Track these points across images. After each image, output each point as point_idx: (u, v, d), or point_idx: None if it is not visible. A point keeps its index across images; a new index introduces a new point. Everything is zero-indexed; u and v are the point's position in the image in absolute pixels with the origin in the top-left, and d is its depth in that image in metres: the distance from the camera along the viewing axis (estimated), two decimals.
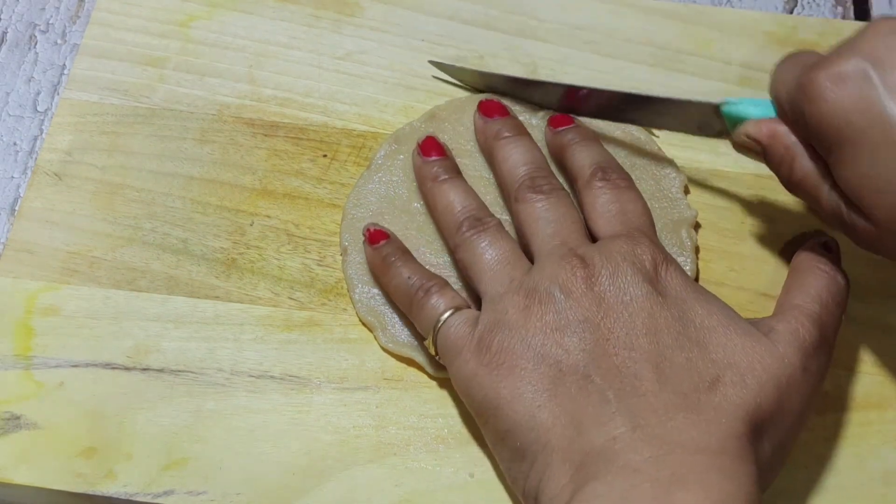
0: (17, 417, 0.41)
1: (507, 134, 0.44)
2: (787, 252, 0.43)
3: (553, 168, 0.44)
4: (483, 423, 0.37)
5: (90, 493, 0.39)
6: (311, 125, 0.48)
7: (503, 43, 0.50)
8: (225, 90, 0.49)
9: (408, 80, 0.49)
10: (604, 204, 0.41)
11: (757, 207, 0.46)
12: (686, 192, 0.46)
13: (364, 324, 0.43)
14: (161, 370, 0.42)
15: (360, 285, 0.44)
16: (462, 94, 0.49)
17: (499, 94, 0.47)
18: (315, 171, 0.47)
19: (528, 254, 0.40)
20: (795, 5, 0.55)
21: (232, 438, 0.40)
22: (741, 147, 0.41)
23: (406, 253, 0.42)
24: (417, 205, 0.45)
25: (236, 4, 0.51)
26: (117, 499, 0.39)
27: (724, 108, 0.42)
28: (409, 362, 0.42)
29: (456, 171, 0.44)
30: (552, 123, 0.45)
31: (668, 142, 0.47)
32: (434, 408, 0.41)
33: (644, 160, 0.46)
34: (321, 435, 0.41)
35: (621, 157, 0.46)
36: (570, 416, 0.34)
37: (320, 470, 0.40)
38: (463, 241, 0.41)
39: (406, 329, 0.42)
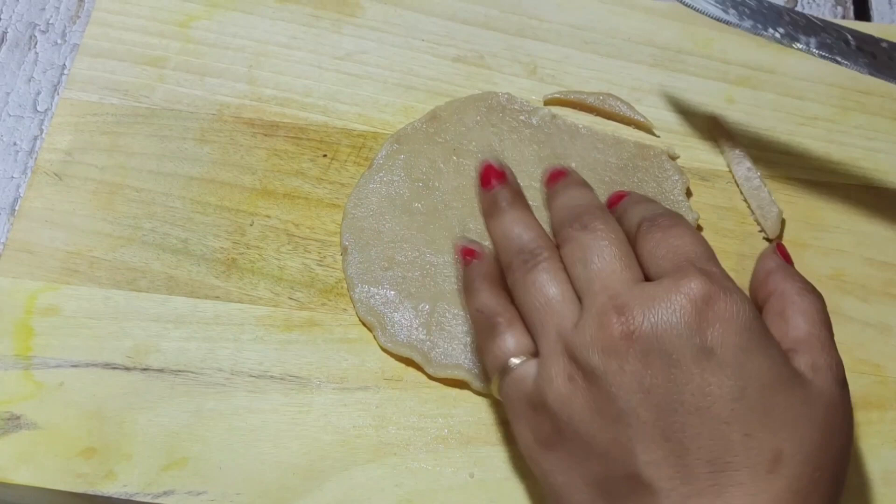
0: (17, 417, 0.41)
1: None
2: None
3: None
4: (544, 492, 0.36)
5: (90, 493, 0.39)
6: (311, 125, 0.48)
7: (503, 42, 0.50)
8: (225, 90, 0.49)
9: (408, 80, 0.49)
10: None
11: None
12: (688, 194, 0.46)
13: (364, 324, 0.43)
14: (161, 370, 0.42)
15: (360, 285, 0.44)
16: (462, 93, 0.49)
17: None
18: (315, 171, 0.47)
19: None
20: (795, 5, 0.55)
21: (232, 438, 0.40)
22: None
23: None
24: (418, 205, 0.45)
25: (236, 4, 0.51)
26: (117, 499, 0.39)
27: None
28: (409, 362, 0.42)
29: (511, 199, 0.39)
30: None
31: (669, 142, 0.47)
32: (434, 408, 0.41)
33: (646, 162, 0.46)
34: (321, 435, 0.41)
35: (624, 159, 0.46)
36: None
37: (320, 470, 0.40)
38: (514, 281, 0.37)
39: (405, 329, 0.42)
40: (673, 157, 0.47)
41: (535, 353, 0.36)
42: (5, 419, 0.41)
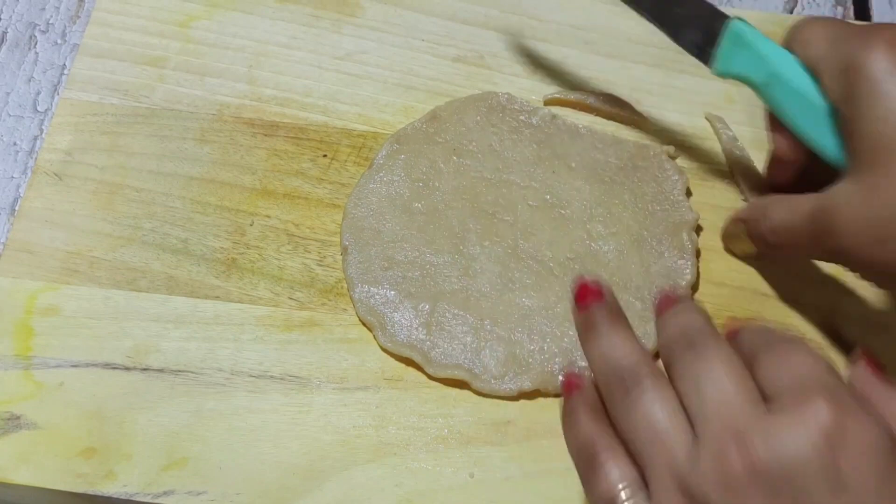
0: (17, 417, 0.41)
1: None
2: None
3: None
4: None
5: (90, 493, 0.39)
6: (311, 125, 0.48)
7: (503, 42, 0.50)
8: (225, 90, 0.49)
9: (408, 80, 0.49)
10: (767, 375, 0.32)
11: None
12: (688, 194, 0.46)
13: (364, 324, 0.43)
14: (161, 370, 0.42)
15: (360, 285, 0.44)
16: (462, 93, 0.49)
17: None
18: (315, 171, 0.47)
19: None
20: (795, 5, 0.55)
21: (232, 438, 0.40)
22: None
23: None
24: (418, 205, 0.45)
25: (236, 4, 0.51)
26: (117, 499, 0.39)
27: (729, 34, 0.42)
28: (409, 362, 0.42)
29: (610, 320, 0.35)
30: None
31: (669, 142, 0.48)
32: (434, 408, 0.41)
33: (646, 162, 0.46)
34: (321, 435, 0.41)
35: (624, 159, 0.46)
36: None
37: (320, 470, 0.40)
38: (615, 410, 0.33)
39: (405, 329, 0.42)
40: (673, 157, 0.47)
41: (643, 484, 0.32)
42: (5, 419, 0.41)
